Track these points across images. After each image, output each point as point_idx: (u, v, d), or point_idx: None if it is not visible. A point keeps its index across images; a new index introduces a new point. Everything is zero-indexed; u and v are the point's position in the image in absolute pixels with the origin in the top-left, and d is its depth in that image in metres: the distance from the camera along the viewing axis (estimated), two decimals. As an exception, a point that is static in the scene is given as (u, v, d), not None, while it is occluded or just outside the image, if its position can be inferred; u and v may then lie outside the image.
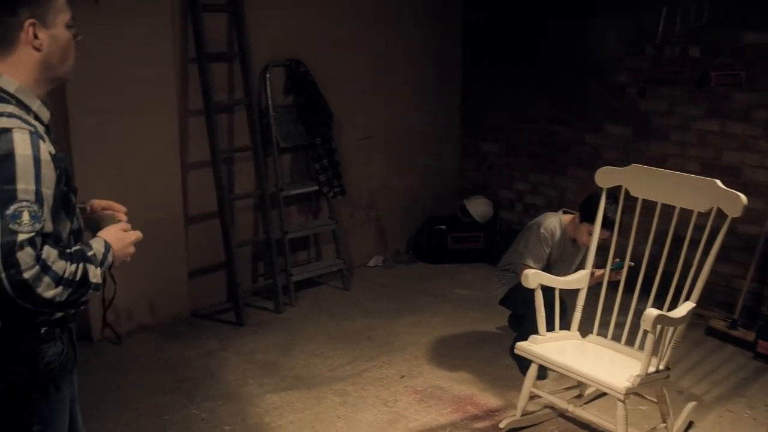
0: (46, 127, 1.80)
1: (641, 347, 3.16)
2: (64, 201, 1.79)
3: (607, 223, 3.50)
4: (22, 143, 1.62)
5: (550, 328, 3.39)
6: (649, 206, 3.24)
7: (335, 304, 4.93)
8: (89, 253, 1.75)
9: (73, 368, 1.95)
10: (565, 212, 4.01)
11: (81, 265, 1.69)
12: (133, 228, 2.07)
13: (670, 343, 3.10)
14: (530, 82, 5.57)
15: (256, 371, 4.00)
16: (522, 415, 3.43)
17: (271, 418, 3.52)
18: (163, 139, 4.39)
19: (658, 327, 2.94)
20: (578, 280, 3.52)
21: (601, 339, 3.47)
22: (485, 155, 6.03)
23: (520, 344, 3.34)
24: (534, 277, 3.34)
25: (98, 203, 2.14)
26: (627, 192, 3.36)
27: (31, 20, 1.71)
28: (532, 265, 3.82)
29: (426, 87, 5.83)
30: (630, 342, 3.32)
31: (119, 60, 4.12)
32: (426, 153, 5.93)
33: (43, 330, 1.79)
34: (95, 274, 1.73)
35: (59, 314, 1.82)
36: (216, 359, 4.14)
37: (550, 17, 5.41)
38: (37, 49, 1.74)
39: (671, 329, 3.07)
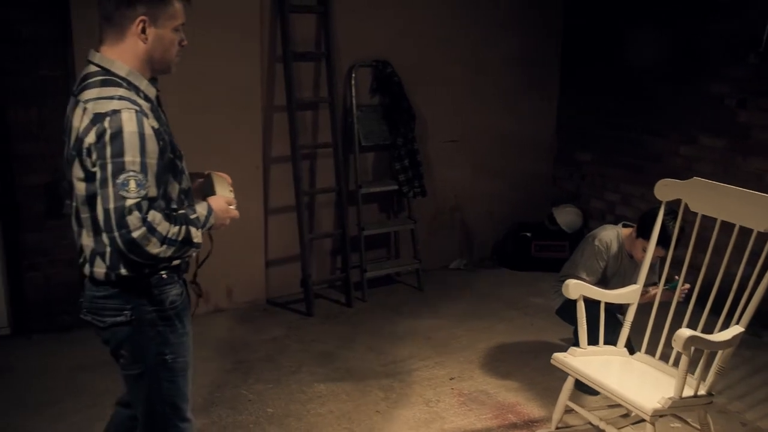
0: (153, 102, 2.07)
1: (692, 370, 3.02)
2: (172, 166, 2.07)
3: (662, 240, 3.36)
4: (129, 122, 1.89)
5: (592, 341, 3.30)
6: (710, 223, 3.08)
7: (405, 303, 5.00)
8: (192, 216, 2.05)
9: (189, 308, 2.28)
10: (624, 225, 3.87)
11: (184, 227, 1.99)
12: None
13: (713, 367, 2.94)
14: (625, 90, 5.39)
15: (311, 360, 4.14)
16: (557, 428, 3.36)
17: (313, 405, 3.64)
18: (247, 133, 4.63)
19: (692, 348, 2.80)
20: (627, 294, 3.39)
21: (648, 358, 3.32)
22: (579, 164, 5.88)
23: (557, 355, 3.27)
24: (575, 288, 3.26)
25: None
26: (687, 207, 3.21)
27: (143, 17, 1.98)
28: (584, 277, 3.72)
29: (519, 92, 5.76)
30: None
31: (208, 56, 4.38)
32: (516, 159, 5.87)
33: (164, 275, 2.11)
34: (197, 235, 2.03)
35: (176, 261, 2.12)
36: (277, 345, 4.32)
37: (647, 23, 5.20)
38: (143, 42, 2.01)
39: (717, 352, 2.92)
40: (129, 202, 1.88)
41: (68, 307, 4.39)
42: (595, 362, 3.24)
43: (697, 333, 2.79)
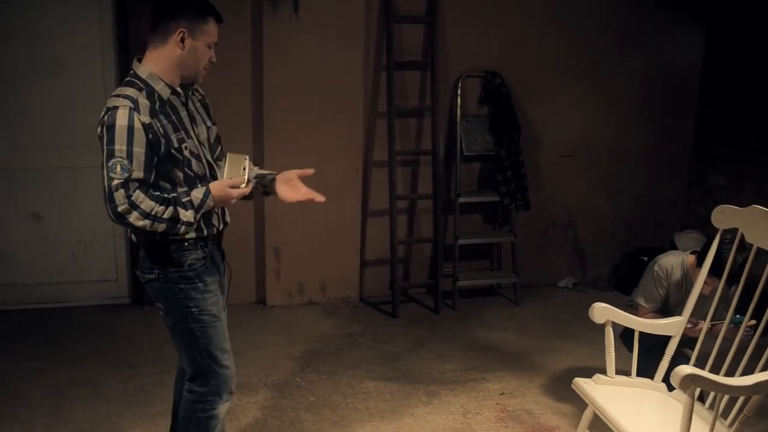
0: (164, 100, 2.40)
1: (724, 414, 2.77)
2: (170, 156, 2.39)
3: (715, 270, 3.09)
4: (122, 117, 2.28)
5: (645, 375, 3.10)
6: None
7: (494, 316, 4.95)
8: (184, 199, 2.37)
9: (217, 271, 2.63)
10: (693, 253, 3.57)
11: (171, 207, 2.33)
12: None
13: (736, 415, 2.68)
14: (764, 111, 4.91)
15: (374, 358, 4.26)
16: (576, 458, 3.21)
17: (354, 400, 3.77)
18: (348, 137, 4.86)
19: (697, 389, 2.57)
20: (669, 325, 3.15)
21: (687, 397, 3.07)
22: (711, 188, 5.43)
23: (577, 380, 3.13)
24: (600, 312, 3.09)
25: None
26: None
27: (183, 29, 2.36)
28: (642, 304, 3.51)
29: (647, 108, 5.46)
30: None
31: (313, 64, 4.68)
32: (641, 178, 5.55)
33: (186, 243, 2.46)
34: (186, 214, 2.35)
35: (199, 233, 2.47)
36: (349, 341, 4.50)
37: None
38: (180, 50, 2.39)
39: (740, 398, 2.65)
40: (115, 182, 2.26)
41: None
42: (622, 394, 3.06)
43: (702, 372, 2.56)
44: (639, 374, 3.13)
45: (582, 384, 3.08)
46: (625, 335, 3.78)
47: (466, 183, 5.19)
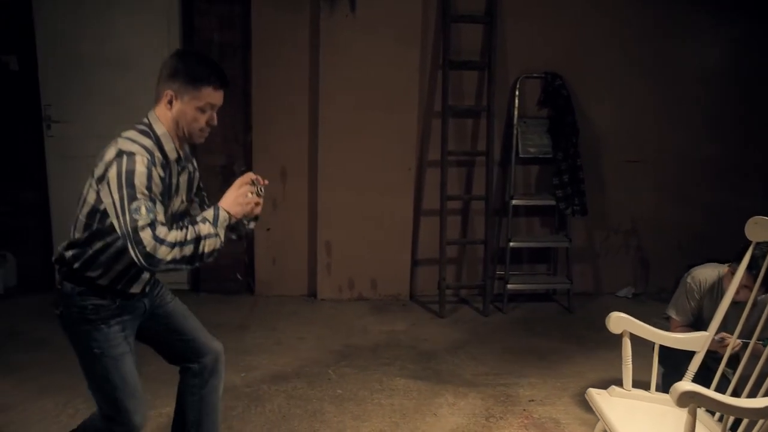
0: (171, 161, 2.47)
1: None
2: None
3: (748, 278, 2.93)
4: (140, 164, 2.32)
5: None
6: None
7: (542, 321, 4.85)
8: (198, 219, 2.41)
9: (128, 314, 2.56)
10: (731, 265, 3.38)
11: (190, 228, 2.35)
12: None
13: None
14: None
15: (411, 355, 4.28)
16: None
17: (380, 396, 3.80)
18: (402, 136, 4.89)
19: (696, 408, 2.45)
20: (692, 340, 3.01)
21: (707, 416, 2.92)
22: (791, 200, 5.12)
23: (591, 391, 3.03)
24: (617, 322, 2.99)
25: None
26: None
27: (170, 92, 2.43)
28: (673, 316, 3.37)
29: (723, 114, 5.18)
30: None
31: (369, 62, 4.74)
32: (714, 187, 5.28)
33: (94, 289, 2.46)
34: (207, 229, 2.36)
35: (107, 281, 2.48)
36: (390, 337, 4.53)
37: None
38: (169, 111, 2.46)
39: (744, 421, 2.51)
40: (141, 223, 2.27)
41: (233, 275, 5.09)
42: (638, 409, 2.95)
43: (702, 389, 2.44)
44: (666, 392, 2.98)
45: (595, 395, 2.99)
46: (660, 351, 3.62)
47: (524, 186, 5.11)
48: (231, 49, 4.76)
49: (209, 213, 2.43)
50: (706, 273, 3.37)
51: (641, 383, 3.00)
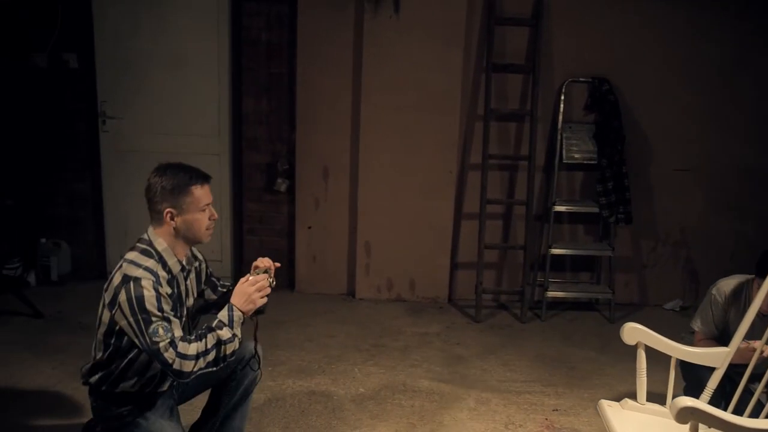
0: (175, 274, 2.60)
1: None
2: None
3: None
4: (148, 287, 2.45)
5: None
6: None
7: (580, 331, 4.74)
8: (214, 324, 2.53)
9: (160, 399, 2.70)
10: (756, 278, 3.22)
11: (209, 335, 2.49)
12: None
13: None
14: None
15: (439, 359, 4.26)
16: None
17: (402, 397, 3.80)
18: (444, 138, 4.87)
19: (695, 424, 2.36)
20: (711, 356, 2.90)
21: (721, 435, 2.81)
22: None
23: (602, 402, 2.96)
24: (631, 333, 2.91)
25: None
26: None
27: (169, 210, 2.56)
28: (697, 328, 3.26)
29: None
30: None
31: (412, 64, 4.75)
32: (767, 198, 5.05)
33: (122, 395, 2.63)
34: (225, 334, 2.50)
35: (137, 388, 2.62)
36: (421, 340, 4.52)
37: None
38: (173, 227, 2.59)
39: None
40: (162, 344, 2.41)
41: (276, 271, 5.16)
42: (650, 424, 2.86)
43: (704, 405, 2.35)
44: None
45: (606, 407, 2.92)
46: (684, 363, 3.50)
47: (568, 192, 5.02)
48: (278, 48, 4.86)
49: (224, 315, 2.54)
50: (731, 283, 3.24)
51: (661, 397, 2.90)
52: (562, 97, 4.82)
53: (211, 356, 2.49)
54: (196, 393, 3.04)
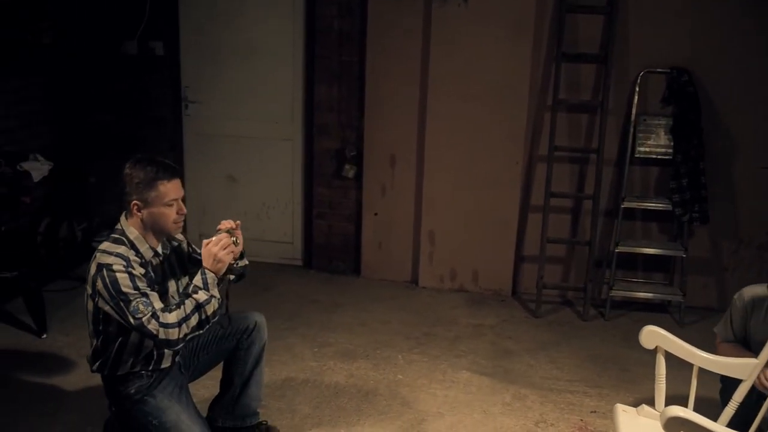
0: (147, 260, 2.77)
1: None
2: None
3: None
4: (120, 270, 2.64)
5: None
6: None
7: (644, 333, 4.53)
8: (190, 289, 2.71)
9: (167, 378, 2.88)
10: None
11: (187, 301, 2.67)
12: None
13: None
14: None
15: (486, 352, 4.22)
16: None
17: (438, 387, 3.80)
18: (511, 129, 4.78)
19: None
20: (737, 367, 2.72)
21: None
22: None
23: (618, 406, 2.85)
24: (649, 336, 2.79)
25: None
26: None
27: (135, 202, 2.72)
28: (716, 331, 3.09)
29: None
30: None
31: (480, 53, 4.70)
32: None
33: (130, 375, 2.81)
34: (201, 296, 2.67)
35: (139, 368, 2.80)
36: (474, 331, 4.48)
37: None
38: (140, 218, 2.76)
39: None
40: (144, 318, 2.58)
41: (343, 255, 5.30)
42: (653, 427, 2.72)
43: (694, 415, 2.22)
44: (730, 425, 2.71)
45: (620, 412, 2.82)
46: (726, 389, 3.25)
47: (641, 188, 4.80)
48: (348, 36, 4.93)
49: (198, 279, 2.68)
50: (754, 290, 3.01)
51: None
52: (637, 89, 4.60)
53: (193, 320, 2.63)
54: (207, 369, 3.20)
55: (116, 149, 5.34)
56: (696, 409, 2.40)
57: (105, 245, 2.74)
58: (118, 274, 2.62)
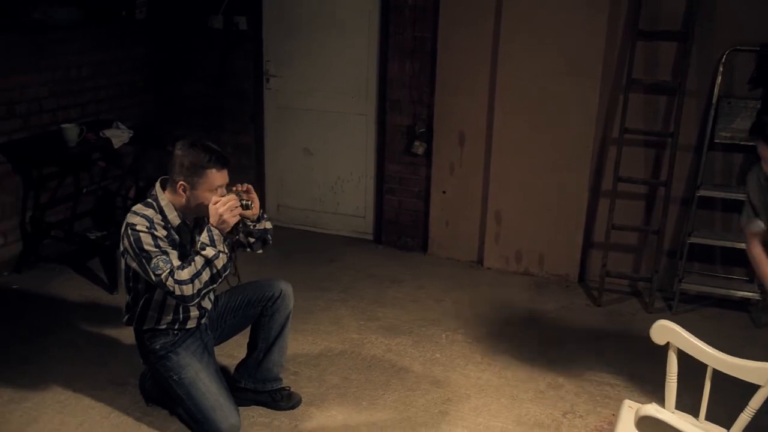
0: (173, 226, 2.94)
1: None
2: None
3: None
4: (142, 229, 2.84)
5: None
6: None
7: (711, 331, 4.18)
8: (198, 247, 2.86)
9: (191, 338, 3.09)
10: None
11: (196, 258, 2.84)
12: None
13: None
14: None
15: (534, 337, 4.12)
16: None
17: (472, 369, 3.76)
18: (582, 109, 4.59)
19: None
20: (756, 371, 2.51)
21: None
22: None
23: (626, 402, 2.71)
24: (660, 331, 2.63)
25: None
26: None
27: (181, 183, 2.89)
28: (744, 223, 3.09)
29: None
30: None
31: (552, 29, 4.54)
32: None
33: (157, 331, 3.04)
34: (209, 252, 2.83)
35: (170, 326, 3.04)
36: (528, 317, 4.38)
37: None
38: (181, 197, 2.92)
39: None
40: (163, 275, 2.76)
41: (412, 232, 5.31)
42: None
43: (670, 416, 2.09)
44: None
45: (626, 408, 2.68)
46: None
47: (723, 176, 4.47)
48: (422, 11, 4.88)
49: (205, 236, 2.82)
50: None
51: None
52: (721, 69, 4.27)
53: (205, 275, 2.78)
54: (234, 332, 3.34)
55: (200, 119, 5.61)
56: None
57: (136, 207, 2.94)
58: (141, 234, 2.81)
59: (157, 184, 2.97)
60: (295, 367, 3.71)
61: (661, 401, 2.66)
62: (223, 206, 2.81)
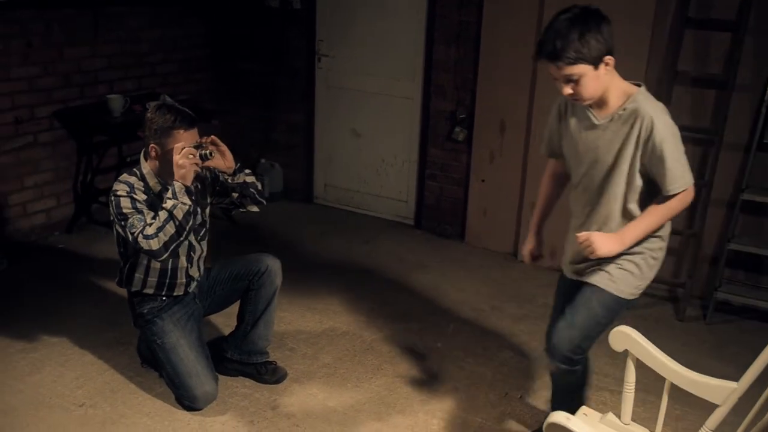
0: (154, 194, 3.06)
1: None
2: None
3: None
4: (122, 193, 2.98)
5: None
6: None
7: (745, 345, 3.92)
8: (164, 203, 2.97)
9: (177, 305, 3.21)
10: None
11: (160, 212, 2.96)
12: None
13: None
14: None
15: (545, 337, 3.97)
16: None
17: (471, 361, 3.69)
18: (625, 101, 4.35)
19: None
20: (715, 389, 2.33)
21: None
22: None
23: (582, 408, 2.58)
24: (618, 338, 2.49)
25: None
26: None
27: (153, 146, 3.02)
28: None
29: None
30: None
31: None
32: None
33: (145, 296, 3.18)
34: (169, 203, 2.93)
35: (152, 291, 3.16)
36: (546, 312, 4.15)
37: None
38: (157, 161, 3.04)
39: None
40: (137, 233, 2.89)
41: (451, 219, 5.24)
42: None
43: (579, 425, 1.97)
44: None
45: (580, 414, 2.55)
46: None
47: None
48: (468, -3, 4.78)
49: (168, 191, 2.92)
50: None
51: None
52: (777, 61, 3.95)
53: (169, 227, 2.87)
54: (224, 304, 3.43)
55: (253, 97, 5.73)
56: None
57: (122, 176, 3.07)
58: (121, 198, 2.95)
59: (141, 154, 3.07)
60: (294, 343, 3.76)
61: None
62: (178, 153, 2.88)
